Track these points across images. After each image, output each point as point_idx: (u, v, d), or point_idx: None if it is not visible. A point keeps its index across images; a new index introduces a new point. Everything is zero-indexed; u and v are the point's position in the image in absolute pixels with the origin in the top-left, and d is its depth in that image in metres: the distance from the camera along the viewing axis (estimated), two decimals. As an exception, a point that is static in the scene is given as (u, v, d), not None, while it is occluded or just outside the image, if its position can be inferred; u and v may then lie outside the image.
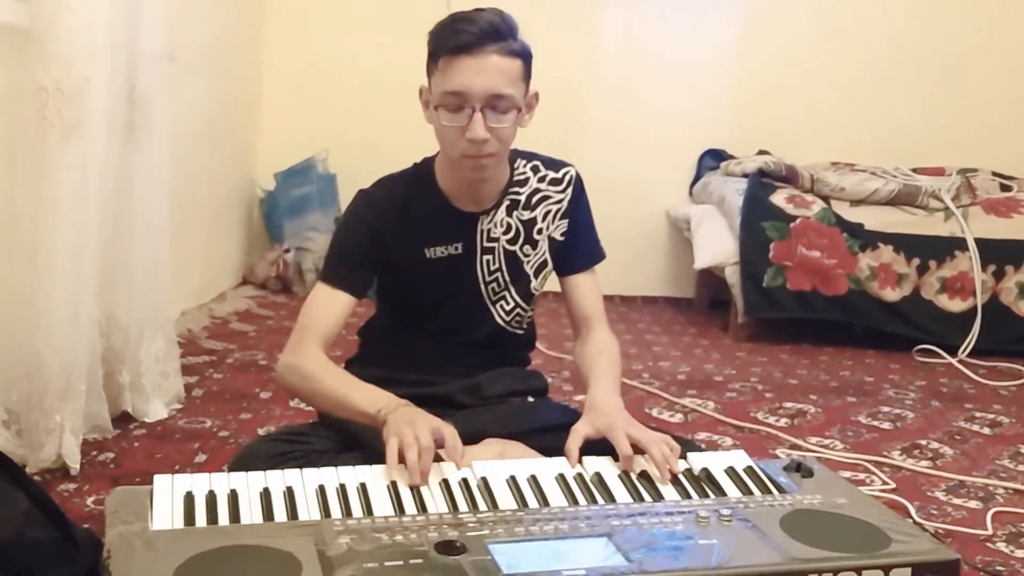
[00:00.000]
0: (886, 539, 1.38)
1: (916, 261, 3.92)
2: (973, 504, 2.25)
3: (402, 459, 1.51)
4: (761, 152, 4.54)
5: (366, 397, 1.68)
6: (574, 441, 1.65)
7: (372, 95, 4.56)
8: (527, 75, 1.73)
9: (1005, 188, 4.36)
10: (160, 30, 2.49)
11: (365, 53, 4.61)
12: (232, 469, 1.62)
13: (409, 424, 1.56)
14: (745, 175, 4.19)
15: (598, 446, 1.66)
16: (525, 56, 1.72)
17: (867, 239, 3.92)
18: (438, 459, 1.57)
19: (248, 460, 1.67)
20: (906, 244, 3.92)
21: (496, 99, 1.68)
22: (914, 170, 4.41)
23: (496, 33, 1.67)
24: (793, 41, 4.80)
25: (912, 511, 2.16)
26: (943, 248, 3.93)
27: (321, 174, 4.62)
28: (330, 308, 1.80)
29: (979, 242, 3.92)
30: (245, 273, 4.61)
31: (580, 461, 1.62)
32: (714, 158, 4.72)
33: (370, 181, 1.90)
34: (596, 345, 1.91)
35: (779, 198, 4.02)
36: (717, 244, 4.08)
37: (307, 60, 4.71)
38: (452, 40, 1.67)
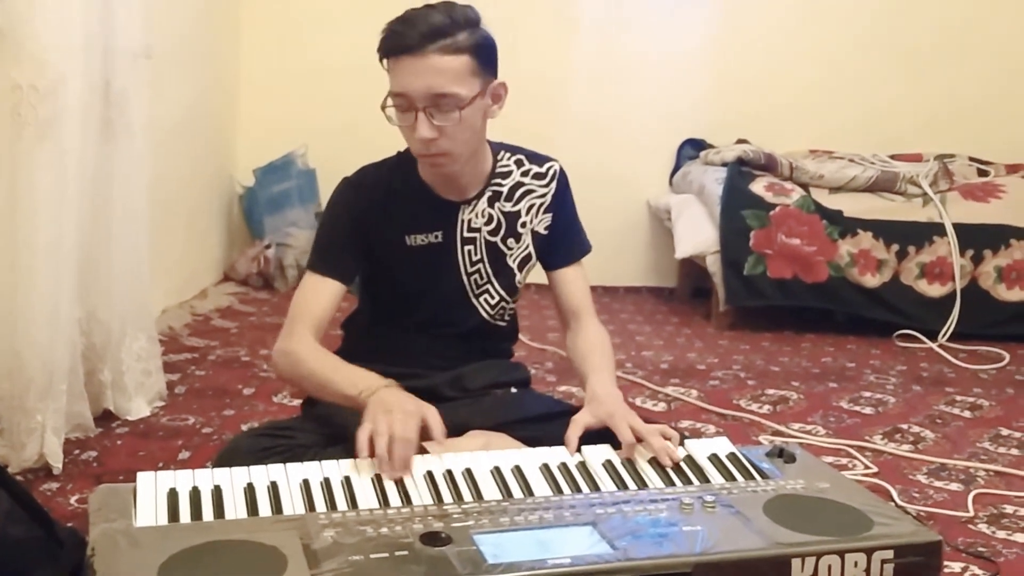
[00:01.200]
0: (868, 522, 1.40)
1: (895, 247, 3.94)
2: (954, 487, 2.27)
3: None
4: (740, 141, 4.55)
5: (348, 378, 1.69)
6: (574, 430, 1.67)
7: (351, 89, 4.49)
8: (481, 69, 1.71)
9: (982, 173, 4.39)
10: (136, 26, 2.47)
11: (343, 47, 4.55)
12: (216, 465, 1.61)
13: (385, 412, 1.56)
14: (724, 164, 4.19)
15: (593, 437, 1.67)
16: (477, 50, 1.69)
17: (846, 226, 3.94)
18: (422, 451, 1.58)
19: (232, 456, 1.66)
20: (885, 230, 3.94)
21: (438, 98, 1.67)
22: (892, 157, 4.42)
23: (437, 32, 1.65)
24: (771, 30, 4.80)
25: (894, 494, 2.17)
26: (922, 234, 3.95)
27: (300, 169, 4.60)
28: (319, 295, 1.81)
29: (957, 227, 3.94)
30: (226, 270, 4.59)
31: (579, 450, 1.64)
32: (693, 147, 4.72)
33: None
34: (589, 338, 1.92)
35: (758, 186, 4.03)
36: (698, 233, 4.09)
37: (284, 55, 4.68)
38: (392, 41, 1.68)
